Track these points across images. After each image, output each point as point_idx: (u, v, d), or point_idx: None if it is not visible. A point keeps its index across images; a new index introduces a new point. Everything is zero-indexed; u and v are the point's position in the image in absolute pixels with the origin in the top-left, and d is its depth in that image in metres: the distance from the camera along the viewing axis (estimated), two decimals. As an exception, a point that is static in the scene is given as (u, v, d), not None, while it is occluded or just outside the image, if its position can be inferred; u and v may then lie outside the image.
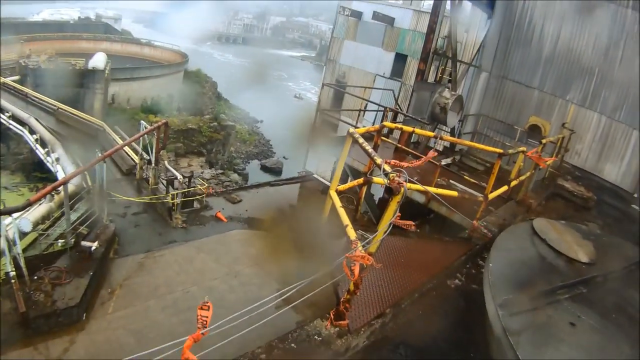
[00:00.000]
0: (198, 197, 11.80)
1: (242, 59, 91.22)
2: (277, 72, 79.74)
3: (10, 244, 6.72)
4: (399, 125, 7.20)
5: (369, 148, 4.74)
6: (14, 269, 6.51)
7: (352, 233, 3.99)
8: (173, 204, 10.91)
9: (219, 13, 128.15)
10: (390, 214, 3.94)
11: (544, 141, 9.63)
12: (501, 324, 4.19)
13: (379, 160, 4.30)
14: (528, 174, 9.33)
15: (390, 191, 3.95)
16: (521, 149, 8.30)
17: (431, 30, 11.84)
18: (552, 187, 11.57)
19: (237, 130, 36.89)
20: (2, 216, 6.98)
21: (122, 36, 56.80)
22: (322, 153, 12.25)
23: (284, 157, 36.31)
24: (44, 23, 66.44)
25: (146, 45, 51.29)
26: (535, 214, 9.05)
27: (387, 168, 4.14)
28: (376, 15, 24.30)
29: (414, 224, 4.28)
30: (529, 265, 5.56)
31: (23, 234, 8.36)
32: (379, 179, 5.01)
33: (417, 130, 8.23)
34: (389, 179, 3.94)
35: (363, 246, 3.65)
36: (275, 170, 34.22)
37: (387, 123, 7.91)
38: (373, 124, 14.79)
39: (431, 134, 8.14)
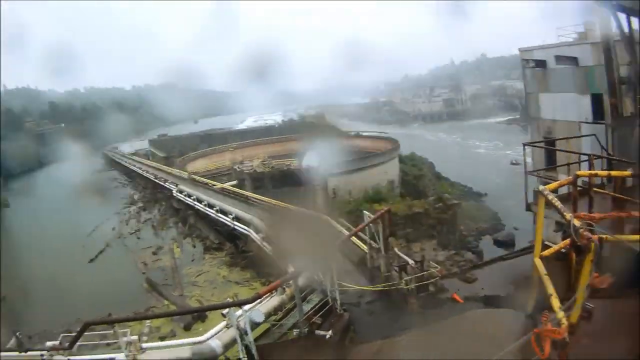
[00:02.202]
0: (432, 280, 11.94)
1: (451, 134, 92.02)
2: (488, 142, 77.57)
3: (242, 333, 7.94)
4: (593, 172, 6.60)
5: (557, 203, 4.67)
6: (245, 356, 7.66)
7: (556, 303, 3.84)
8: (407, 289, 11.32)
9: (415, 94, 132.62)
10: (586, 275, 3.73)
11: None
12: None
13: (568, 216, 4.23)
14: None
15: (579, 249, 3.79)
16: None
17: (608, 59, 10.38)
18: None
19: (464, 207, 36.15)
20: (234, 308, 8.58)
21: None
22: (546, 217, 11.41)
23: (514, 228, 34.09)
24: (250, 130, 78.82)
25: (356, 137, 54.83)
26: None
27: (577, 222, 3.99)
28: (559, 59, 22.58)
29: (609, 278, 3.93)
30: None
31: (256, 324, 9.29)
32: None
33: (613, 172, 7.20)
34: (577, 235, 3.82)
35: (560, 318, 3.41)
36: (508, 243, 32.39)
37: (581, 172, 7.24)
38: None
39: (627, 173, 6.98)
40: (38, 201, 59.43)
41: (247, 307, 9.07)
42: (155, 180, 45.20)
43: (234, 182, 34.56)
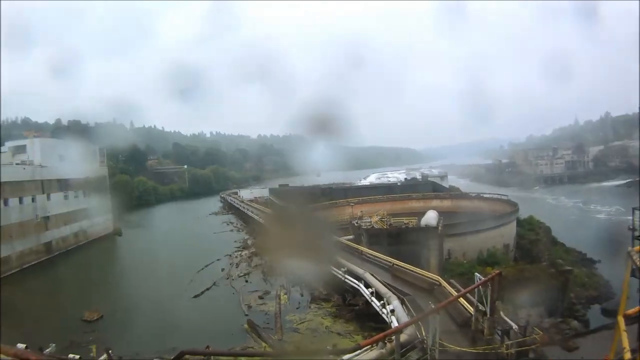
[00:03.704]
0: (533, 346, 11.73)
1: (573, 198, 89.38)
2: (609, 206, 73.53)
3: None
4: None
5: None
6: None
7: (627, 356, 3.65)
8: (507, 354, 11.38)
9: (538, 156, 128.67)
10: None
11: None
12: None
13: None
14: None
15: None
16: None
17: None
18: None
19: (575, 274, 33.91)
20: (333, 356, 8.62)
21: (450, 192, 62.25)
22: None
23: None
24: (372, 186, 79.63)
25: (475, 199, 54.72)
26: None
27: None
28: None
29: None
30: None
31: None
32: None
33: None
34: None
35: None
36: (617, 312, 28.81)
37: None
38: None
39: None
40: (151, 234, 65.41)
41: (346, 357, 9.20)
42: (271, 229, 46.74)
43: (351, 237, 35.14)
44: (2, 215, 40.82)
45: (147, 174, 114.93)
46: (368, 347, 10.26)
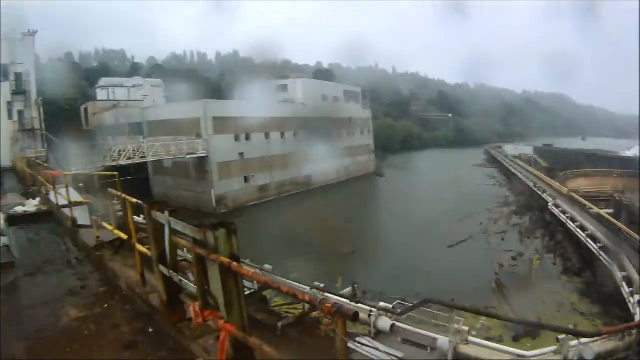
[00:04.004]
0: None
1: None
2: None
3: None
4: None
5: None
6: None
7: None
8: None
9: None
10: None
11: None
12: None
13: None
14: None
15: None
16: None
17: None
18: None
19: None
20: (570, 336, 7.83)
21: None
22: None
23: None
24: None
25: None
26: None
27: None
28: None
29: None
30: None
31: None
32: None
33: None
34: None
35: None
36: None
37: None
38: None
39: None
40: (413, 177, 66.85)
41: (583, 340, 8.54)
42: (534, 189, 45.27)
43: (611, 211, 31.45)
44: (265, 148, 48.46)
45: (410, 119, 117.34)
46: (607, 335, 9.05)
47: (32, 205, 13.63)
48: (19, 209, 13.12)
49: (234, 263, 3.61)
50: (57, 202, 11.83)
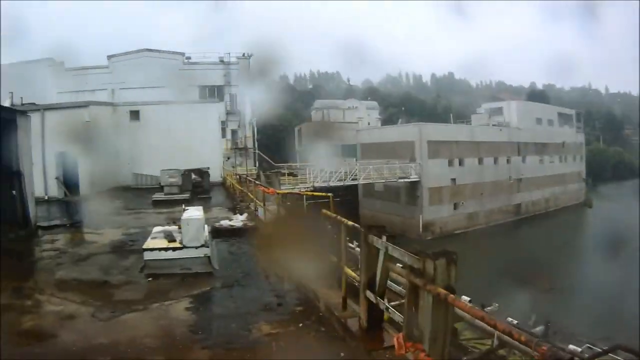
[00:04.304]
0: None
1: None
2: None
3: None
4: None
5: None
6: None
7: None
8: None
9: None
10: None
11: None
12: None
13: None
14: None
15: None
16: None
17: None
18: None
19: None
20: None
21: None
22: None
23: None
24: None
25: None
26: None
27: None
28: None
29: None
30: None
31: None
32: None
33: None
34: None
35: None
36: None
37: None
38: None
39: None
40: (625, 210, 58.66)
41: None
42: None
43: None
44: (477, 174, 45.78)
45: (622, 143, 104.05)
46: None
47: (238, 220, 13.96)
48: (225, 223, 13.50)
49: (451, 295, 3.50)
50: (265, 218, 12.20)
